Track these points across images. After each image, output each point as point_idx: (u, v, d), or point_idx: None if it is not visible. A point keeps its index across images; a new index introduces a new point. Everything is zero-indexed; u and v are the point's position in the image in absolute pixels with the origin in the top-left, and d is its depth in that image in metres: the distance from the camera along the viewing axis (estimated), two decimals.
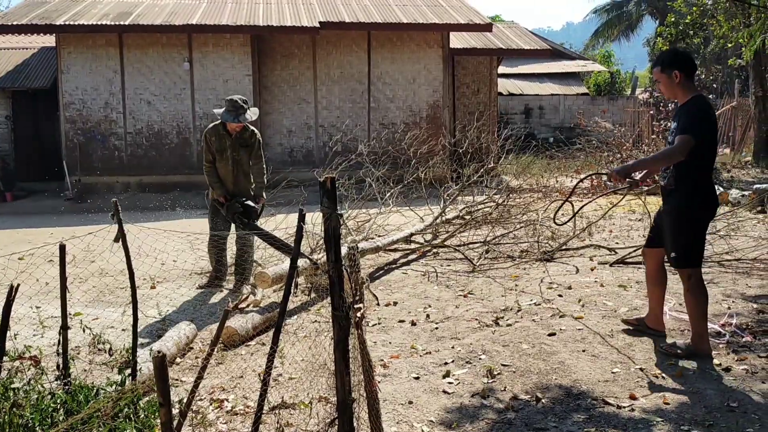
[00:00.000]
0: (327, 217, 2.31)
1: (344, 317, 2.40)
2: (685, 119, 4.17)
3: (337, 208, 2.31)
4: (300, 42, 14.98)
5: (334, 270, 2.33)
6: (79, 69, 14.12)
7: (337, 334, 2.41)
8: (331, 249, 2.33)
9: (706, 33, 21.66)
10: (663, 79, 4.30)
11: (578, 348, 4.50)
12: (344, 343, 2.46)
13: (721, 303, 5.45)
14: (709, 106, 4.28)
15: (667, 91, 4.36)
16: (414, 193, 9.59)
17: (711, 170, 4.33)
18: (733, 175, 15.39)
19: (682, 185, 4.23)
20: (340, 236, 2.37)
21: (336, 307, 2.39)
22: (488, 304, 5.61)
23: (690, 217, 4.25)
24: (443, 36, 15.28)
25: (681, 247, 4.28)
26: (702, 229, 4.32)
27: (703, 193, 4.25)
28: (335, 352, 2.51)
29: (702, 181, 4.25)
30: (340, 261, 2.35)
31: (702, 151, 4.16)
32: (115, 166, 14.37)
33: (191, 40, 14.36)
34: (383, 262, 7.38)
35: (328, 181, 2.29)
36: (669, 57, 4.38)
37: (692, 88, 4.28)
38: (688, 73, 4.26)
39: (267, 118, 15.11)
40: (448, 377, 4.06)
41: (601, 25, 36.97)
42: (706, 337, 4.32)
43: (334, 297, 2.37)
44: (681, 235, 4.27)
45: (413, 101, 15.38)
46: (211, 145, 6.39)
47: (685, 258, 4.29)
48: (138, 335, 4.73)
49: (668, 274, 4.80)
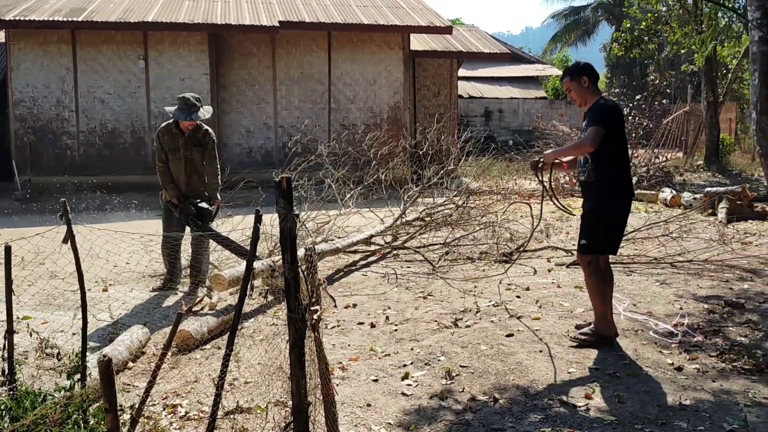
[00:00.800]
0: (283, 218, 2.26)
1: (300, 320, 2.35)
2: (592, 115, 4.52)
3: (293, 209, 2.27)
4: (259, 41, 14.83)
5: (290, 272, 2.29)
6: (30, 66, 13.73)
7: (293, 336, 2.36)
8: (287, 250, 2.28)
9: (660, 39, 22.16)
10: (574, 87, 4.65)
11: (535, 349, 4.54)
12: (300, 346, 2.41)
13: (674, 303, 5.56)
14: (614, 105, 4.62)
15: (578, 97, 4.69)
16: (375, 194, 9.58)
17: (627, 164, 4.65)
18: (685, 178, 15.78)
19: (600, 178, 4.51)
20: (297, 237, 2.32)
21: (292, 309, 2.34)
22: (447, 306, 5.62)
23: (608, 208, 4.56)
24: (404, 38, 15.30)
25: (592, 235, 4.59)
26: (619, 221, 4.63)
27: (620, 186, 4.54)
28: (291, 355, 2.46)
29: (619, 173, 4.54)
30: (296, 263, 2.31)
31: (614, 144, 4.46)
32: (68, 166, 14.00)
33: (147, 37, 14.09)
34: (343, 264, 7.34)
35: (283, 182, 2.24)
36: (576, 67, 4.73)
37: (598, 92, 4.66)
38: (593, 79, 4.65)
39: (225, 117, 14.92)
40: (407, 379, 4.04)
41: (559, 30, 37.59)
42: (608, 318, 4.62)
43: (289, 299, 2.33)
44: (595, 224, 4.60)
45: (374, 102, 15.36)
46: (164, 145, 6.27)
47: (594, 246, 4.59)
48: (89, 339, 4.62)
49: (633, 275, 4.88)
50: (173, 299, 6.23)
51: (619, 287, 6.10)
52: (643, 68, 30.25)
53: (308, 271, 2.47)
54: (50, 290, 6.51)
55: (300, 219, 2.23)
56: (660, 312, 5.34)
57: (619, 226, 4.65)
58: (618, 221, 4.61)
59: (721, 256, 7.13)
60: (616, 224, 4.61)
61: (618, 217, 4.60)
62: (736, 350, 4.47)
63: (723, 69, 18.82)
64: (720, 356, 4.38)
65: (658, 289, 6.06)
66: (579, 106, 4.76)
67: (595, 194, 4.60)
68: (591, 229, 4.62)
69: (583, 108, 4.71)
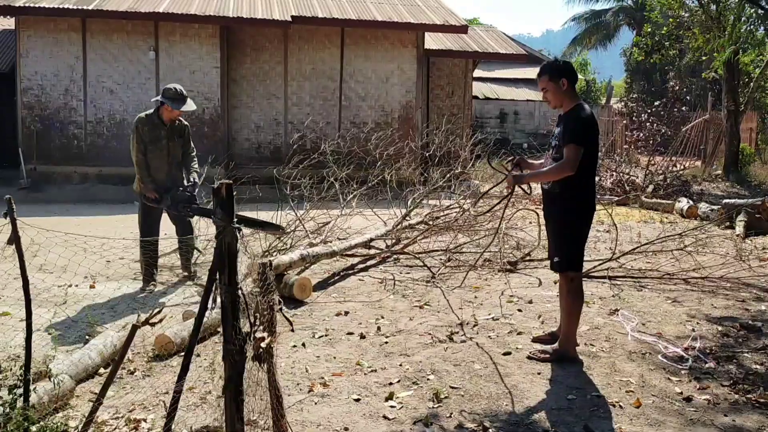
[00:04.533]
0: (220, 231, 1.97)
1: (238, 351, 2.06)
2: (572, 128, 4.21)
3: (234, 221, 1.99)
4: (271, 36, 14.59)
5: (226, 294, 2.00)
6: (39, 53, 13.56)
7: (229, 371, 2.07)
8: (224, 270, 2.00)
9: (681, 45, 21.66)
10: (551, 87, 4.33)
11: (533, 370, 4.23)
12: (237, 383, 2.11)
13: (685, 324, 5.23)
14: (592, 114, 4.32)
15: (554, 99, 4.38)
16: (380, 195, 9.29)
17: (593, 175, 4.40)
18: (703, 188, 15.33)
19: (566, 190, 4.24)
20: (238, 254, 2.04)
21: (228, 339, 2.04)
22: (444, 317, 5.32)
23: (574, 221, 4.31)
24: (418, 36, 14.99)
25: (565, 251, 4.34)
26: (584, 233, 4.37)
27: (584, 198, 4.30)
28: (224, 393, 2.16)
29: (584, 186, 4.27)
30: (235, 284, 2.02)
31: (585, 158, 4.17)
32: (74, 156, 13.84)
33: (158, 28, 13.88)
34: (340, 267, 7.06)
35: (223, 189, 1.96)
36: (556, 66, 4.40)
37: (576, 96, 4.36)
38: (572, 81, 4.33)
39: (235, 112, 14.70)
40: (392, 400, 3.75)
41: (579, 34, 37.03)
42: (574, 340, 4.41)
43: (225, 327, 2.03)
44: (565, 239, 4.36)
45: (385, 101, 15.07)
46: (144, 135, 6.20)
47: (569, 262, 4.35)
48: (65, 339, 4.37)
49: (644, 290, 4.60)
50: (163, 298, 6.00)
51: (629, 304, 5.79)
52: (663, 74, 29.67)
53: (263, 290, 2.19)
54: (38, 284, 6.30)
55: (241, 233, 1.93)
56: (670, 333, 5.02)
57: (585, 239, 4.40)
58: (583, 234, 4.36)
59: (738, 273, 6.78)
60: (582, 238, 4.36)
61: (582, 230, 4.34)
62: (751, 380, 4.15)
63: (745, 77, 18.30)
64: (733, 386, 4.05)
65: (670, 307, 5.73)
66: (553, 107, 4.45)
67: (561, 207, 4.34)
68: (560, 244, 4.38)
69: (558, 110, 4.40)
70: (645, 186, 13.42)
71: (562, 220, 4.35)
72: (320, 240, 7.10)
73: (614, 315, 5.43)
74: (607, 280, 6.59)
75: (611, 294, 6.11)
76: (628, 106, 19.83)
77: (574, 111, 4.26)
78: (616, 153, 15.76)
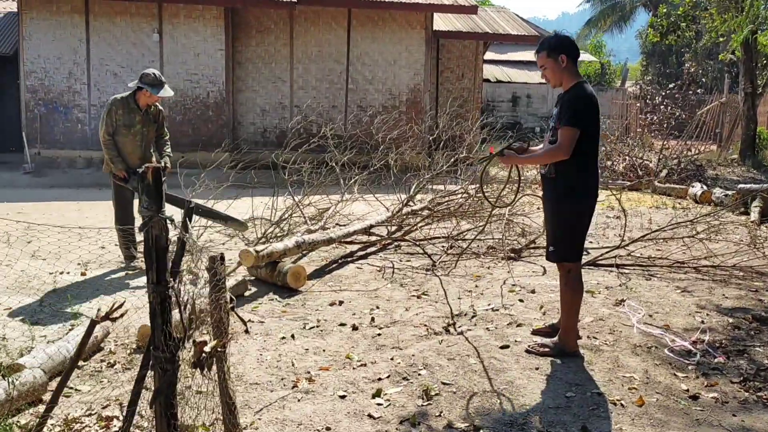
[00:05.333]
0: (146, 222, 1.77)
1: (168, 360, 1.86)
2: (567, 109, 3.95)
3: (163, 210, 1.78)
4: (277, 17, 14.32)
5: (154, 294, 1.80)
6: (42, 36, 13.39)
7: (158, 381, 1.87)
8: (152, 266, 1.80)
9: (698, 26, 21.13)
10: (549, 64, 4.07)
11: (531, 365, 4.02)
12: (167, 395, 1.90)
13: (694, 316, 4.99)
14: (592, 93, 4.03)
15: (553, 77, 4.12)
16: (384, 180, 9.06)
17: (594, 158, 4.09)
18: (718, 173, 14.97)
19: (562, 174, 4.02)
20: (168, 247, 1.83)
21: (156, 345, 1.84)
22: (441, 308, 5.11)
23: (570, 208, 4.06)
24: (426, 17, 14.67)
25: (560, 240, 4.10)
26: (583, 222, 4.13)
27: (584, 183, 4.04)
28: (152, 406, 1.95)
29: (583, 170, 4.01)
30: (164, 283, 1.82)
31: (585, 141, 3.94)
32: (78, 140, 13.71)
33: (161, 10, 13.66)
34: (339, 255, 6.87)
35: (149, 173, 1.76)
36: (555, 41, 4.14)
37: (576, 74, 4.08)
38: (573, 57, 4.06)
39: (240, 96, 14.48)
40: (379, 397, 3.56)
41: (594, 15, 36.36)
42: (573, 334, 4.18)
43: (154, 330, 1.83)
44: (560, 227, 4.11)
45: (393, 84, 14.79)
46: (117, 119, 6.20)
47: (564, 252, 4.10)
48: (46, 327, 4.22)
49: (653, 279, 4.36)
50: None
51: (636, 294, 5.55)
52: (679, 57, 29.04)
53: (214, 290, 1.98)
54: (29, 272, 6.16)
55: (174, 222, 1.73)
56: (678, 325, 4.79)
57: (583, 228, 4.14)
58: (582, 223, 4.11)
59: (752, 262, 6.50)
60: (580, 227, 4.11)
61: (581, 219, 4.09)
62: (763, 376, 3.91)
63: (763, 59, 17.81)
64: (743, 383, 3.82)
65: (679, 297, 5.49)
66: (553, 86, 4.18)
67: (556, 193, 4.10)
68: (557, 233, 4.14)
69: (558, 89, 4.14)
70: (658, 171, 13.08)
71: (558, 207, 4.12)
72: (319, 227, 6.90)
73: (620, 306, 5.20)
74: (615, 269, 6.35)
75: (618, 283, 5.88)
76: (643, 89, 19.39)
77: (572, 90, 4.02)
78: (629, 137, 15.38)
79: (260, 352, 4.19)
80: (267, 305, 5.25)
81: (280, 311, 5.08)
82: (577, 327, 4.23)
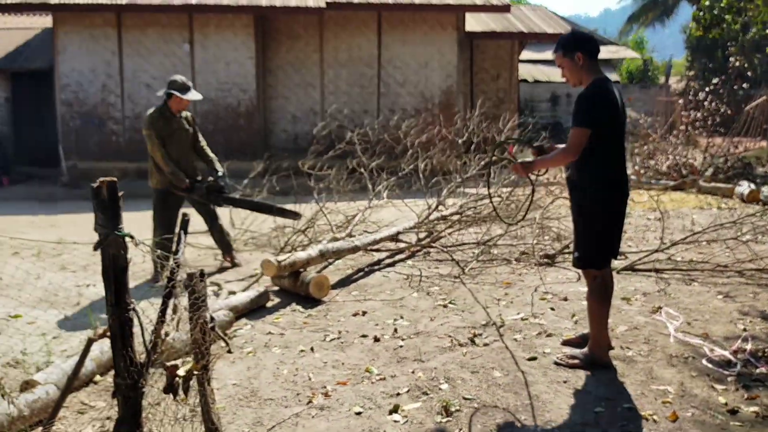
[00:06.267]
0: (101, 240, 1.65)
1: (130, 387, 1.73)
2: (576, 109, 3.77)
3: (120, 227, 1.66)
4: (306, 23, 14.30)
5: (113, 318, 1.67)
6: (76, 50, 13.62)
7: (121, 410, 1.74)
8: (110, 287, 1.68)
9: (744, 19, 20.38)
10: (566, 64, 3.87)
11: (559, 378, 3.81)
12: (132, 425, 1.78)
13: (736, 323, 4.70)
14: (607, 90, 3.78)
15: (571, 77, 3.92)
16: (414, 185, 8.90)
17: (619, 159, 3.85)
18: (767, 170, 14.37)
19: (585, 178, 3.83)
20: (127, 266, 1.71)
21: (118, 371, 1.72)
22: (468, 317, 4.93)
23: (595, 212, 3.84)
24: (458, 17, 14.47)
25: (584, 246, 3.89)
26: (610, 226, 3.87)
27: (609, 186, 3.82)
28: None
29: (607, 172, 3.80)
30: (124, 305, 1.70)
31: (603, 140, 3.73)
32: (112, 152, 13.88)
33: (192, 20, 13.76)
34: (366, 262, 6.74)
35: (104, 188, 1.64)
36: (570, 40, 3.92)
37: (595, 71, 3.86)
38: (590, 54, 3.86)
39: (271, 103, 14.50)
40: (396, 413, 3.40)
41: (636, 11, 35.56)
42: (603, 344, 3.92)
43: (116, 357, 1.71)
44: (585, 232, 3.91)
45: (425, 86, 14.62)
46: (160, 130, 6.22)
47: (589, 258, 3.88)
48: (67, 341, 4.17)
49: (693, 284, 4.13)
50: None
51: (675, 300, 5.28)
52: (725, 50, 28.16)
53: (194, 306, 1.86)
54: (56, 284, 6.19)
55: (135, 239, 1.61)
56: (718, 333, 4.51)
57: (609, 233, 3.89)
58: (607, 228, 3.86)
59: None
60: (605, 232, 3.87)
61: (606, 224, 3.85)
62: None
63: None
64: None
65: (720, 303, 5.19)
66: (573, 86, 3.96)
67: (579, 196, 3.90)
68: (581, 238, 3.94)
69: (579, 88, 3.92)
70: (703, 169, 12.62)
71: (579, 211, 3.93)
72: (345, 234, 6.77)
73: (657, 313, 4.94)
74: (654, 274, 6.07)
75: (656, 289, 5.60)
76: (689, 85, 18.80)
77: (584, 90, 3.83)
78: (673, 135, 14.89)
79: (277, 366, 4.07)
80: (289, 316, 5.14)
81: (302, 322, 4.97)
82: (609, 337, 4.00)
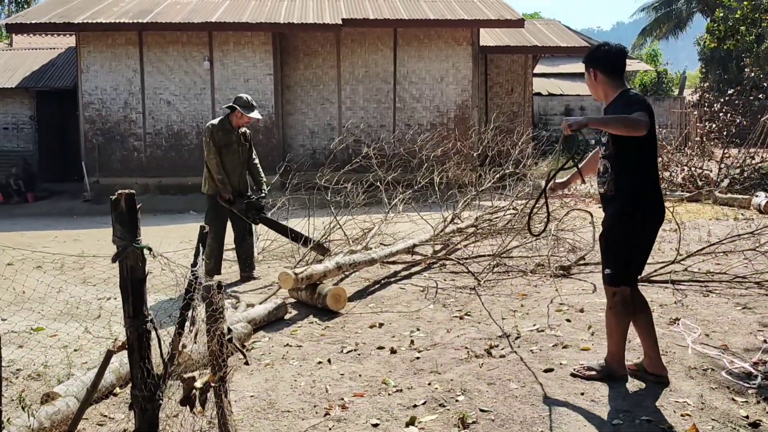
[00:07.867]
0: (120, 251, 1.70)
1: (147, 399, 1.78)
2: (628, 104, 3.62)
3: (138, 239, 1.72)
4: (323, 40, 14.48)
5: (131, 329, 1.73)
6: (99, 68, 13.90)
7: (138, 423, 1.79)
8: (128, 299, 1.73)
9: (759, 30, 20.31)
10: (587, 79, 3.88)
11: (576, 390, 3.81)
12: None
13: (756, 335, 4.67)
14: (643, 99, 3.71)
15: (594, 92, 3.93)
16: (429, 197, 8.94)
17: (654, 173, 3.80)
18: None
19: (621, 192, 3.74)
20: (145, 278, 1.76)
21: (135, 383, 1.77)
22: (484, 329, 4.95)
23: (629, 228, 3.75)
24: (473, 32, 14.58)
25: (615, 263, 3.80)
26: (642, 243, 3.81)
27: (645, 201, 3.74)
28: None
29: (645, 186, 3.74)
30: (141, 317, 1.75)
31: (644, 150, 3.68)
32: (134, 167, 14.12)
33: (212, 38, 14.01)
34: (383, 275, 6.78)
35: (122, 200, 1.70)
36: (587, 56, 3.92)
37: (619, 85, 3.80)
38: (608, 70, 3.79)
39: (289, 118, 14.67)
40: (413, 425, 3.42)
41: (649, 24, 35.54)
42: (621, 358, 3.91)
43: (133, 368, 1.76)
44: (617, 248, 3.80)
45: (441, 101, 14.72)
46: (219, 140, 6.56)
47: (622, 275, 3.80)
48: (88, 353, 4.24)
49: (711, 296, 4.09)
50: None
51: (692, 311, 5.25)
52: (739, 62, 28.01)
53: (212, 319, 1.91)
54: (78, 297, 6.28)
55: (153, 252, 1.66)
56: (738, 345, 4.49)
57: (641, 253, 3.84)
58: (635, 246, 3.78)
59: None
60: (638, 250, 3.81)
61: (641, 242, 3.79)
62: None
63: None
64: None
65: (739, 314, 5.16)
66: (596, 100, 3.92)
67: (613, 211, 3.80)
68: (613, 255, 3.83)
69: (595, 102, 3.89)
70: (719, 180, 12.54)
71: (610, 226, 3.83)
72: (361, 247, 6.83)
73: (674, 325, 4.92)
74: (670, 285, 6.04)
75: (673, 300, 5.58)
76: (703, 97, 18.71)
77: (619, 97, 3.74)
78: (688, 146, 14.83)
79: (295, 378, 4.11)
80: (306, 328, 5.18)
81: (319, 334, 5.01)
82: (624, 349, 4.00)
